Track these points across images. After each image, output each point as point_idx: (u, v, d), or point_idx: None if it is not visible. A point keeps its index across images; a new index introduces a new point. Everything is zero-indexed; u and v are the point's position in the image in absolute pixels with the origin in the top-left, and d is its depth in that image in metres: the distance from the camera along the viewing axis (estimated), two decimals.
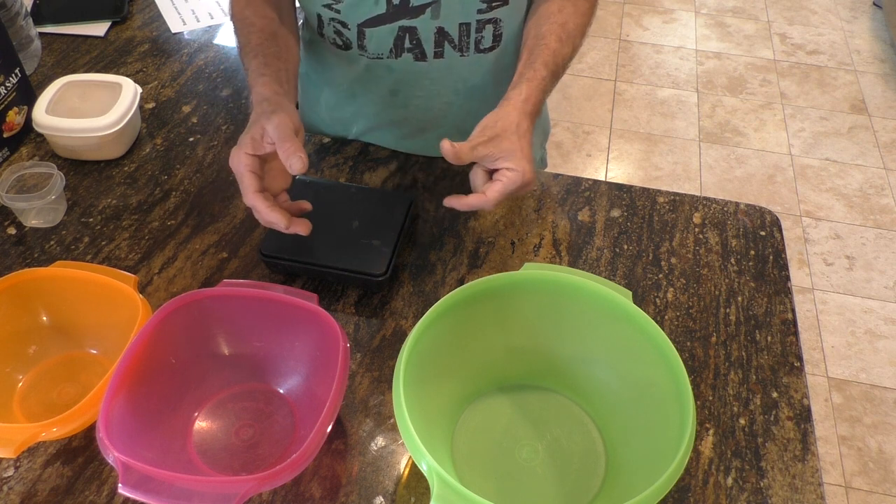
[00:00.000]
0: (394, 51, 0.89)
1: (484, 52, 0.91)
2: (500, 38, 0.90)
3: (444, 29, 0.87)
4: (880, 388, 1.87)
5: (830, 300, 2.06)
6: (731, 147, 2.53)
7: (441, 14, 0.85)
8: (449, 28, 0.87)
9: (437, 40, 0.88)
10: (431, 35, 0.87)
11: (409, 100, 0.96)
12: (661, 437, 0.61)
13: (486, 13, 0.86)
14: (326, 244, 0.80)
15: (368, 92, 0.97)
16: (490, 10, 0.86)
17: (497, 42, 0.90)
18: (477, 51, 0.90)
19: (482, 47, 0.90)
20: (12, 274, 0.72)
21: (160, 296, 0.80)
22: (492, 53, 0.91)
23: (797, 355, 0.77)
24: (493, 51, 0.91)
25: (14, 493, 0.65)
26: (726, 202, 0.93)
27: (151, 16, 1.22)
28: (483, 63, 0.92)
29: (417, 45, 0.89)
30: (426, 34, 0.87)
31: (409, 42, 0.88)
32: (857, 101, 2.71)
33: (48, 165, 0.88)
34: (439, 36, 0.88)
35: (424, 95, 0.95)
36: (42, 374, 0.74)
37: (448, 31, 0.87)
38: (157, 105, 1.05)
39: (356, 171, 0.95)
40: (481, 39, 0.89)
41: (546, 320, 0.71)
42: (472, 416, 0.71)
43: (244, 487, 0.55)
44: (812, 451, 0.70)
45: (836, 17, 3.14)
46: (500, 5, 0.86)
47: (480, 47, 0.90)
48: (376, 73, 0.93)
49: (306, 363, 0.71)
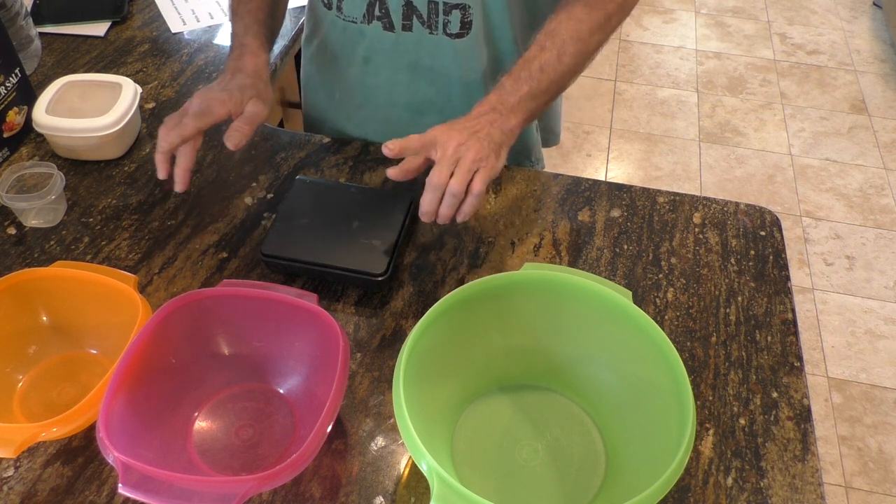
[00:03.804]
0: (366, 16, 0.91)
1: (451, 37, 0.90)
2: (470, 25, 0.89)
3: (413, 3, 0.87)
4: (880, 388, 1.87)
5: (830, 300, 2.07)
6: (731, 147, 2.53)
7: None
8: (417, 3, 0.87)
9: (406, 13, 0.88)
10: (400, 7, 0.88)
11: (379, 69, 0.96)
12: (661, 437, 0.61)
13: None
14: (326, 244, 0.80)
15: (345, 56, 0.98)
16: None
17: (466, 29, 0.89)
18: (444, 33, 0.90)
19: (449, 31, 0.89)
20: (12, 274, 0.72)
21: (160, 296, 0.80)
22: (460, 41, 0.90)
23: (797, 355, 0.77)
24: (462, 38, 0.90)
25: (14, 493, 0.65)
26: (726, 202, 0.93)
27: (151, 16, 1.22)
28: (451, 48, 0.91)
29: (386, 15, 0.89)
30: (395, 5, 0.88)
31: (379, 10, 0.89)
32: (857, 101, 2.71)
33: (48, 165, 0.88)
34: (407, 9, 0.88)
35: (392, 68, 0.95)
36: (42, 374, 0.74)
37: (416, 6, 0.87)
38: (157, 105, 1.05)
39: (356, 171, 0.95)
40: (448, 23, 0.88)
41: (546, 320, 0.71)
42: (472, 416, 0.71)
43: (244, 487, 0.55)
44: (812, 451, 0.70)
45: (836, 17, 3.14)
46: None
47: (448, 31, 0.89)
48: (351, 37, 0.95)
49: (306, 363, 0.71)
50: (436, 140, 0.74)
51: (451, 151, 0.72)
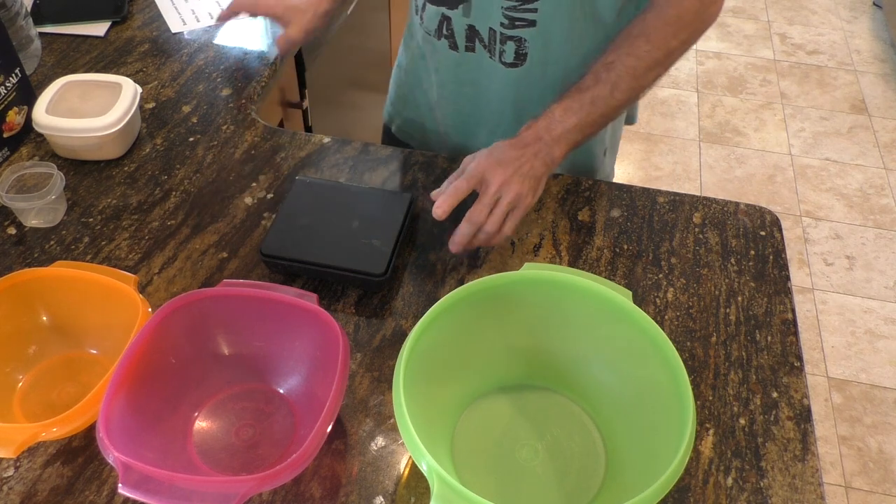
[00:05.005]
0: (437, 32, 0.93)
1: (505, 66, 0.91)
2: (525, 57, 0.89)
3: (476, 28, 0.89)
4: (880, 388, 1.87)
5: (830, 300, 2.07)
6: (731, 147, 2.53)
7: (472, 14, 0.88)
8: (480, 28, 0.89)
9: (469, 36, 0.91)
10: (463, 30, 0.90)
11: (444, 84, 0.99)
12: (662, 437, 0.61)
13: (509, 29, 0.87)
14: (326, 244, 0.80)
15: (424, 62, 1.01)
16: (513, 28, 0.87)
17: (521, 60, 0.90)
18: (500, 61, 0.91)
19: (504, 60, 0.90)
20: (12, 274, 0.72)
21: (160, 296, 0.80)
22: (514, 70, 0.91)
23: (797, 355, 0.77)
24: (516, 68, 0.91)
25: (14, 493, 0.65)
26: (726, 202, 0.93)
27: (151, 16, 1.22)
28: (504, 75, 0.92)
29: (451, 35, 0.92)
30: (459, 28, 0.90)
31: (446, 30, 0.92)
32: (857, 101, 2.71)
33: (48, 165, 0.88)
34: (470, 32, 0.90)
35: (455, 83, 0.98)
36: (42, 374, 0.74)
37: (479, 30, 0.89)
38: (157, 105, 1.05)
39: (356, 171, 0.95)
40: (504, 52, 0.90)
41: (546, 320, 0.71)
42: (472, 416, 0.71)
43: (244, 487, 0.55)
44: (812, 451, 0.70)
45: (836, 17, 3.14)
46: (525, 26, 0.86)
47: (503, 59, 0.91)
48: (427, 46, 0.98)
49: (306, 363, 0.71)
50: (483, 177, 0.77)
51: (493, 190, 0.76)
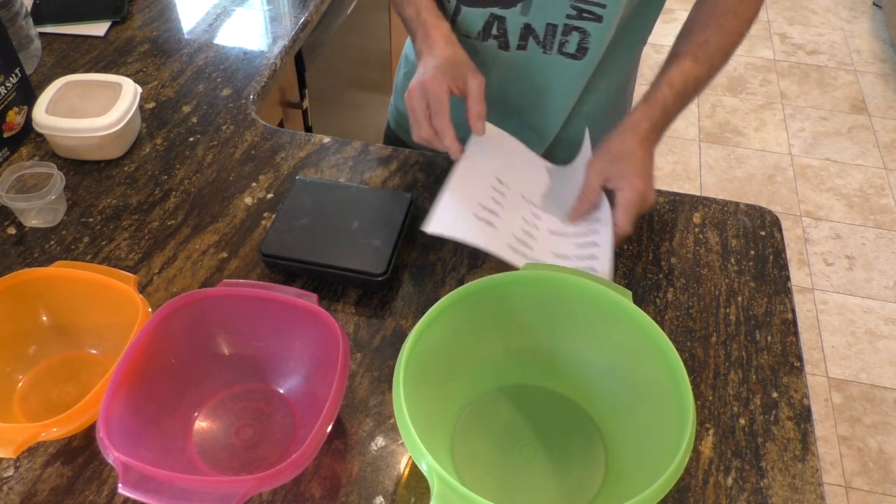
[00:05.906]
0: (481, 34, 0.92)
1: (566, 57, 0.91)
2: (587, 50, 0.89)
3: (531, 25, 0.89)
4: (880, 388, 1.87)
5: (830, 300, 2.07)
6: (731, 147, 2.53)
7: (530, 12, 0.87)
8: (536, 25, 0.89)
9: (523, 34, 0.90)
10: (518, 28, 0.90)
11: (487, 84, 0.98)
12: (661, 437, 0.61)
13: (575, 20, 0.87)
14: (326, 244, 0.80)
15: None
16: (580, 20, 0.87)
17: (582, 53, 0.90)
18: (560, 52, 0.91)
19: (565, 51, 0.90)
20: (12, 274, 0.72)
21: (160, 296, 0.80)
22: (576, 62, 0.91)
23: (797, 355, 0.77)
24: (578, 60, 0.91)
25: (14, 493, 0.65)
26: (726, 202, 0.93)
27: (151, 16, 1.22)
28: (564, 67, 0.92)
29: (503, 35, 0.91)
30: (513, 27, 0.90)
31: (497, 30, 0.91)
32: (857, 101, 2.72)
33: (48, 165, 0.88)
34: (525, 30, 0.90)
35: (501, 81, 0.97)
36: (42, 374, 0.74)
37: (534, 27, 0.89)
38: (157, 105, 1.05)
39: (356, 171, 0.95)
40: (566, 43, 0.89)
41: (546, 320, 0.71)
42: (472, 416, 0.71)
43: (244, 487, 0.55)
44: (812, 451, 0.70)
45: (836, 17, 3.14)
46: (592, 20, 0.86)
47: (564, 50, 0.90)
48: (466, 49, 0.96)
49: (306, 363, 0.71)
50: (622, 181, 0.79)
51: (638, 199, 0.78)
